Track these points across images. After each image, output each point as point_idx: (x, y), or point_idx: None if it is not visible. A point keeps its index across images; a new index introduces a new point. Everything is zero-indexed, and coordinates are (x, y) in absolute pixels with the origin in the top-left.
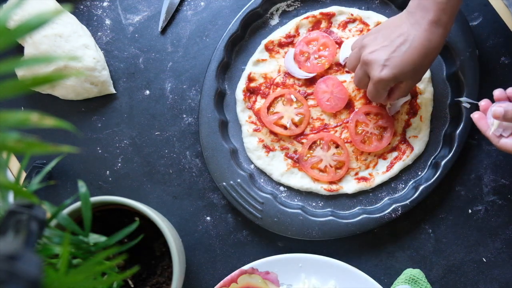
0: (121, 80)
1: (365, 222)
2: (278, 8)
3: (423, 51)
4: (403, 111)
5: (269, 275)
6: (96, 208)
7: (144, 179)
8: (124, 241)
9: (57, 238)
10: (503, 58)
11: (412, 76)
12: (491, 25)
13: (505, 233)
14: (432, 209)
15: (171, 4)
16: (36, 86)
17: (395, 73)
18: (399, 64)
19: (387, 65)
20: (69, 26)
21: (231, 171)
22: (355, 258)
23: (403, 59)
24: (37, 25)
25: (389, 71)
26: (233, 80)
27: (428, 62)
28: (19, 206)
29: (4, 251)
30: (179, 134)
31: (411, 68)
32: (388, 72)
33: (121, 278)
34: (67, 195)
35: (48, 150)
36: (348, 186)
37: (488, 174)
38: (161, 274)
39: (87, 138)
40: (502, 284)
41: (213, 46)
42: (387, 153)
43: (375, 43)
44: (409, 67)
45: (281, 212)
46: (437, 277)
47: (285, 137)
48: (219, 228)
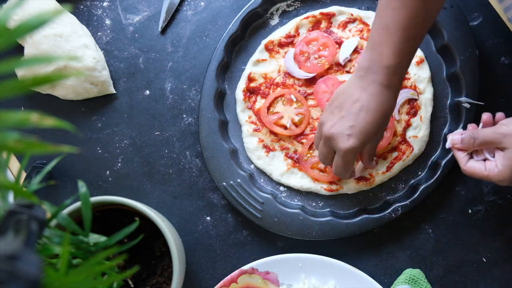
0: (121, 80)
1: (365, 222)
2: (278, 8)
3: (380, 113)
4: (403, 111)
5: (269, 275)
6: (96, 208)
7: (144, 179)
8: (124, 241)
9: (57, 238)
10: (503, 58)
11: (375, 137)
12: (491, 25)
13: (505, 233)
14: (432, 209)
15: (171, 4)
16: (36, 86)
17: (361, 139)
18: (362, 130)
19: (351, 134)
20: (69, 26)
21: (231, 171)
22: (355, 258)
23: (364, 125)
24: (37, 25)
25: (355, 139)
26: (233, 80)
27: (387, 121)
28: (19, 206)
29: (4, 251)
30: (179, 134)
31: (375, 131)
32: (355, 140)
33: (121, 278)
34: (67, 195)
35: (48, 150)
36: (348, 186)
37: None
38: (161, 274)
39: (87, 138)
40: (502, 284)
41: (213, 46)
42: (387, 153)
43: (332, 116)
44: (372, 130)
45: (281, 212)
46: (437, 277)
47: (285, 137)
48: (219, 228)
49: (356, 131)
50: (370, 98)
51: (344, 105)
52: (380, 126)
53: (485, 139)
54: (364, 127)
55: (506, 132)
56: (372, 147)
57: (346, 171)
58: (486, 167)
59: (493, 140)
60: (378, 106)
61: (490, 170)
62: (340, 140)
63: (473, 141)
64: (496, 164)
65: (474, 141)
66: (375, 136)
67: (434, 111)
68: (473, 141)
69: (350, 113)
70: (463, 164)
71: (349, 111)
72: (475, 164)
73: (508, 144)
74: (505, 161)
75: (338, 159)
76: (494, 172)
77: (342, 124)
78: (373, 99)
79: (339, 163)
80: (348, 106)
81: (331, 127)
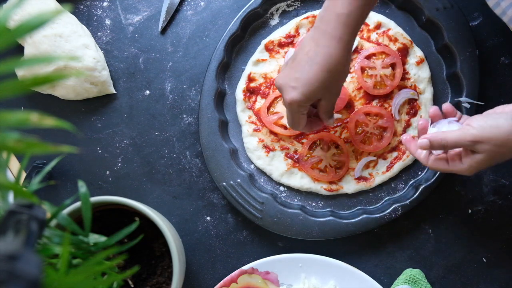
0: (121, 80)
1: (365, 222)
2: (278, 8)
3: (326, 67)
4: (403, 111)
5: (269, 275)
6: (96, 208)
7: (144, 179)
8: (124, 241)
9: (57, 238)
10: (503, 58)
11: (325, 93)
12: (491, 25)
13: (505, 233)
14: (432, 209)
15: (171, 4)
16: (36, 86)
17: (305, 92)
18: (306, 83)
19: (295, 87)
20: (69, 26)
21: (231, 171)
22: (355, 258)
23: (308, 78)
24: (37, 25)
25: (298, 92)
26: (233, 80)
27: (336, 77)
28: (19, 206)
29: (4, 251)
30: (179, 134)
31: (319, 86)
32: (297, 93)
33: (121, 278)
34: (67, 195)
35: (48, 150)
36: (348, 186)
37: (488, 174)
38: (161, 274)
39: (87, 138)
40: (502, 284)
41: (213, 46)
42: (387, 153)
43: (285, 68)
44: (316, 85)
45: (281, 212)
46: (437, 277)
47: (285, 137)
48: (219, 228)
49: (300, 83)
50: (317, 51)
51: (296, 56)
52: (325, 80)
53: (455, 144)
54: (308, 80)
55: (477, 139)
56: (327, 104)
57: (294, 123)
58: (449, 164)
59: (463, 145)
60: (325, 59)
61: (454, 166)
62: (285, 91)
63: (443, 148)
64: (462, 161)
65: (444, 147)
66: (323, 91)
67: None
68: (442, 147)
69: (298, 64)
70: (425, 163)
71: (298, 62)
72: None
73: (480, 150)
74: (472, 163)
75: (287, 112)
76: (459, 167)
77: (289, 75)
78: (320, 51)
79: (287, 114)
80: (299, 58)
81: (280, 77)
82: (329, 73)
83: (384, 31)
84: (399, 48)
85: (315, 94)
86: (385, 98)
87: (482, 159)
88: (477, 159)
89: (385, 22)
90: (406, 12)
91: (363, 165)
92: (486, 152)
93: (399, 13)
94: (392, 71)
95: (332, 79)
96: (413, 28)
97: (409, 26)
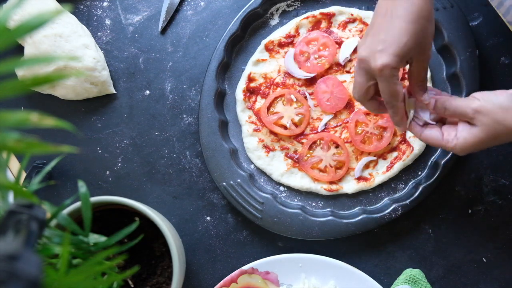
0: (121, 80)
1: (365, 222)
2: (278, 8)
3: (411, 17)
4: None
5: (269, 275)
6: (96, 208)
7: (144, 179)
8: (124, 241)
9: (57, 238)
10: (503, 58)
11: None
12: (491, 25)
13: (505, 233)
14: (432, 209)
15: (171, 4)
16: (36, 86)
17: (395, 52)
18: (394, 41)
19: (383, 49)
20: (69, 26)
21: (231, 171)
22: (355, 258)
23: (395, 35)
24: (37, 25)
25: (388, 54)
26: (233, 80)
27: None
28: (19, 206)
29: (4, 251)
30: (179, 134)
31: (409, 40)
32: (387, 55)
33: (121, 278)
34: (67, 195)
35: (48, 150)
36: (348, 186)
37: (488, 174)
38: (161, 274)
39: (87, 138)
40: (502, 284)
41: (213, 46)
42: (387, 153)
43: (365, 38)
44: (406, 40)
45: (281, 212)
46: (437, 277)
47: (285, 137)
48: (219, 228)
49: (387, 44)
50: (396, 5)
51: (374, 23)
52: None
53: (456, 111)
54: (396, 37)
55: (478, 108)
56: (419, 68)
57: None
58: (443, 137)
59: (464, 114)
60: (407, 10)
61: (448, 140)
62: (372, 59)
63: (444, 110)
64: (457, 135)
65: (445, 110)
66: (414, 47)
67: None
68: (443, 110)
69: (380, 27)
70: (419, 134)
71: (379, 25)
72: (431, 132)
73: (478, 122)
74: (468, 137)
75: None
76: (453, 143)
77: (373, 41)
78: (400, 4)
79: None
80: (378, 22)
81: (362, 49)
82: (416, 24)
83: None
84: None
85: (407, 51)
86: None
87: (478, 133)
88: (473, 133)
89: None
90: None
91: (363, 165)
92: (484, 126)
93: None
94: None
95: (421, 29)
96: None
97: None
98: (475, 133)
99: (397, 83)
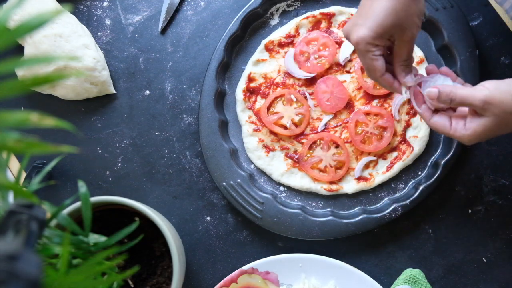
0: (121, 80)
1: (365, 222)
2: (278, 8)
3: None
4: (403, 111)
5: (269, 275)
6: (96, 208)
7: (144, 179)
8: (124, 241)
9: (57, 238)
10: (503, 58)
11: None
12: (491, 25)
13: (505, 233)
14: (432, 209)
15: (171, 4)
16: (36, 86)
17: (372, 26)
18: (373, 15)
19: (362, 23)
20: (69, 26)
21: (231, 171)
22: (355, 258)
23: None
24: (37, 25)
25: (365, 27)
26: (233, 80)
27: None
28: (19, 206)
29: (4, 251)
30: (179, 134)
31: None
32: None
33: (121, 278)
34: (67, 195)
35: (48, 150)
36: (348, 186)
37: (488, 174)
38: (161, 274)
39: (87, 138)
40: (502, 284)
41: (213, 46)
42: (387, 153)
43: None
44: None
45: (281, 212)
46: (437, 277)
47: (285, 137)
48: (219, 228)
49: (366, 19)
50: None
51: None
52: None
53: (463, 102)
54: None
55: (487, 99)
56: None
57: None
58: (451, 126)
59: (472, 104)
60: None
61: (456, 130)
62: (350, 33)
63: (449, 102)
64: (466, 126)
65: (451, 101)
66: (395, 24)
67: None
68: (449, 101)
69: (363, 5)
70: (428, 119)
71: (365, 3)
72: (440, 120)
73: (487, 112)
74: (477, 127)
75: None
76: (461, 133)
77: (356, 17)
78: None
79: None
80: (363, 1)
81: (346, 25)
82: (397, 1)
83: None
84: None
85: (385, 27)
86: (385, 98)
87: (488, 124)
88: (482, 124)
89: None
90: None
91: (363, 165)
92: (494, 116)
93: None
94: None
95: (402, 8)
96: None
97: None
98: (484, 124)
99: (373, 58)
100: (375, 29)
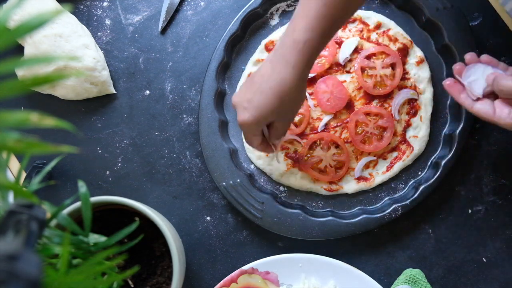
0: (121, 80)
1: (365, 222)
2: (278, 8)
3: (278, 93)
4: (403, 111)
5: (269, 275)
6: (96, 208)
7: (144, 179)
8: (124, 241)
9: (57, 238)
10: (503, 58)
11: (277, 118)
12: (491, 25)
13: (505, 233)
14: (432, 209)
15: (171, 4)
16: (36, 86)
17: (256, 115)
18: (257, 105)
19: (247, 108)
20: (69, 26)
21: (231, 171)
22: (355, 258)
23: (260, 101)
24: (37, 25)
25: (249, 114)
26: (233, 80)
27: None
28: (19, 206)
29: (4, 251)
30: (179, 134)
31: (270, 109)
32: (248, 115)
33: (121, 278)
34: (67, 195)
35: (48, 150)
36: (348, 186)
37: (488, 174)
38: (161, 274)
39: (87, 138)
40: (502, 284)
41: (213, 46)
42: (387, 153)
43: (243, 87)
44: (266, 110)
45: (281, 212)
46: (437, 277)
47: None
48: (219, 228)
49: (251, 106)
50: (272, 75)
51: (254, 77)
52: (276, 106)
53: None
54: (259, 104)
55: None
56: (278, 128)
57: (248, 141)
58: (496, 113)
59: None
60: (278, 85)
61: (500, 118)
62: (238, 110)
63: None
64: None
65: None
66: (274, 116)
67: (434, 111)
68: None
69: (253, 86)
70: (470, 107)
71: (253, 84)
72: (483, 107)
73: None
74: None
75: None
76: (506, 121)
77: (244, 95)
78: (274, 76)
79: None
80: (255, 79)
81: (235, 95)
82: (280, 100)
83: (384, 31)
84: (399, 48)
85: (264, 118)
86: (385, 98)
87: None
88: None
89: (385, 22)
90: (406, 12)
91: (363, 165)
92: None
93: (399, 13)
94: (392, 71)
95: (284, 105)
96: (413, 28)
97: (409, 26)
98: None
99: (252, 136)
100: (257, 119)
